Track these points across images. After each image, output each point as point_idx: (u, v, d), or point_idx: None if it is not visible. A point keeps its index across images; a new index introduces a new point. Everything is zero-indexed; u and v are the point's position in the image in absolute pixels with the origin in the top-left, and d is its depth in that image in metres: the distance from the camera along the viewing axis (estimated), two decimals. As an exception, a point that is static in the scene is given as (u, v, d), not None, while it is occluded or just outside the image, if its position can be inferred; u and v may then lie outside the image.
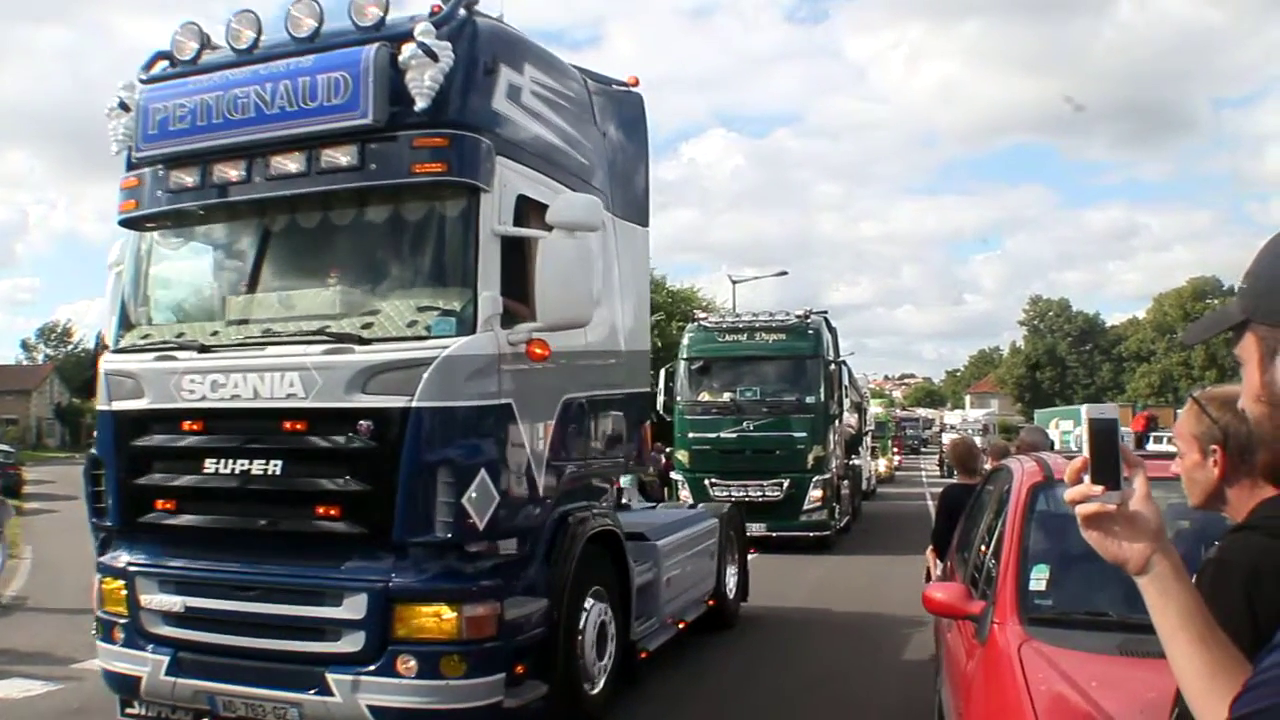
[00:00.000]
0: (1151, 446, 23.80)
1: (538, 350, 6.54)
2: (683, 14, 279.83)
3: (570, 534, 7.27)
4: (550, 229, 6.58)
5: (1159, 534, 1.64)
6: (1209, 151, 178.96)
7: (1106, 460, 1.67)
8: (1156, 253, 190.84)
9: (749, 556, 13.31)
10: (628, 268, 8.68)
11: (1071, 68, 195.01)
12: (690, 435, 19.67)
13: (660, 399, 20.13)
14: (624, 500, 23.72)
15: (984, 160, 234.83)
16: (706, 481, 19.13)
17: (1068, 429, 41.89)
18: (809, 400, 19.29)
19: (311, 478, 6.41)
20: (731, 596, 11.95)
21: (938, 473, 44.86)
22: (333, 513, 6.30)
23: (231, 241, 7.51)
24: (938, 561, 7.72)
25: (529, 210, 6.84)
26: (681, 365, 20.30)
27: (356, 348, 6.31)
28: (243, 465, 6.51)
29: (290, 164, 6.57)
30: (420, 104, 6.24)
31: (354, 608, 6.21)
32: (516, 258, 6.64)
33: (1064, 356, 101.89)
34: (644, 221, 9.32)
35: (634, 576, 8.37)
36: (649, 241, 9.50)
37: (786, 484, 18.91)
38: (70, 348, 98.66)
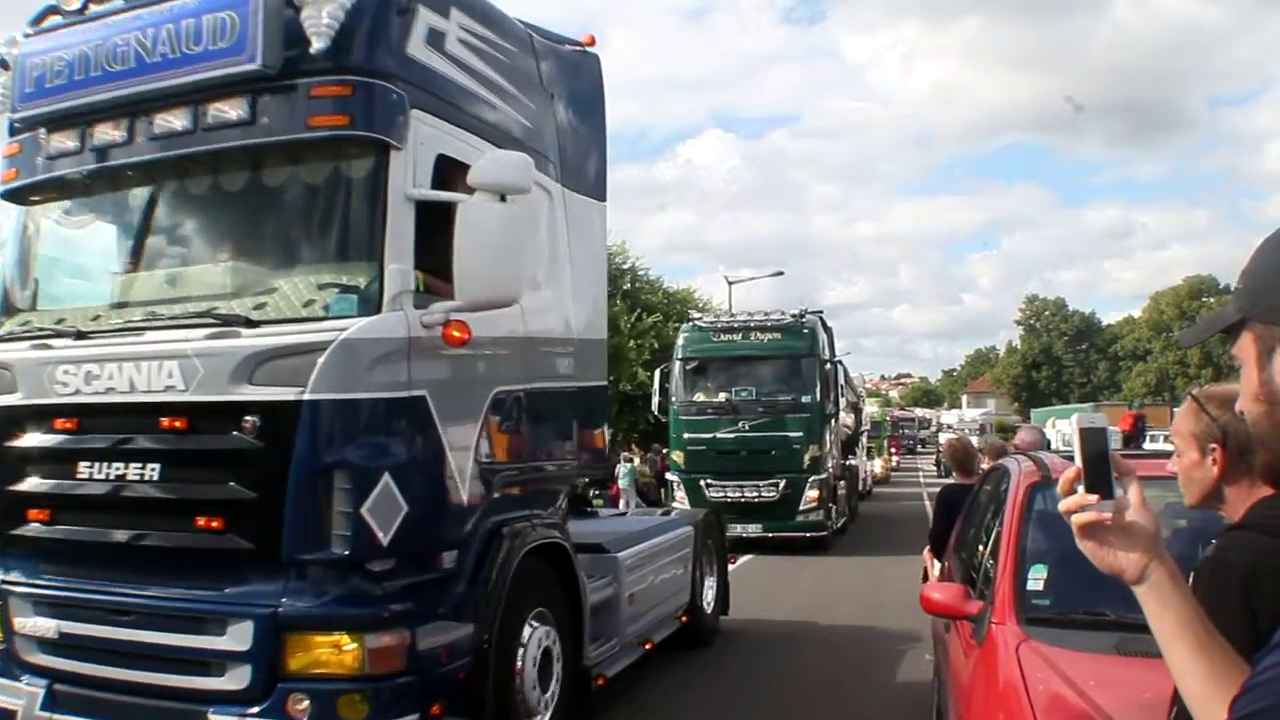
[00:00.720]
0: (1149, 445, 23.83)
1: (455, 333, 5.53)
2: (679, 15, 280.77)
3: (504, 548, 6.22)
4: (472, 192, 5.63)
5: (1154, 542, 1.64)
6: (1205, 150, 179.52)
7: (1099, 470, 1.67)
8: (1153, 251, 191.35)
9: (730, 565, 12.65)
10: (580, 246, 7.58)
11: (1068, 66, 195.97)
12: (685, 436, 19.61)
13: (655, 400, 20.31)
14: (624, 503, 23.69)
15: (981, 159, 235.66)
16: (702, 482, 19.05)
17: (1065, 428, 41.90)
18: (804, 400, 19.25)
19: (192, 484, 5.56)
20: (710, 610, 11.06)
21: (935, 473, 44.87)
22: (215, 525, 5.37)
23: (119, 213, 6.54)
24: (935, 562, 7.72)
25: (454, 173, 5.85)
26: (676, 366, 20.20)
27: (243, 331, 5.40)
28: (118, 469, 5.64)
29: (175, 121, 5.72)
30: (317, 44, 5.34)
31: (238, 637, 5.30)
32: (441, 228, 5.59)
33: (1060, 356, 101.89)
34: (600, 195, 8.13)
35: (586, 594, 7.29)
36: (606, 218, 8.29)
37: (782, 484, 18.81)
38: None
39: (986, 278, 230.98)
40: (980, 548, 5.27)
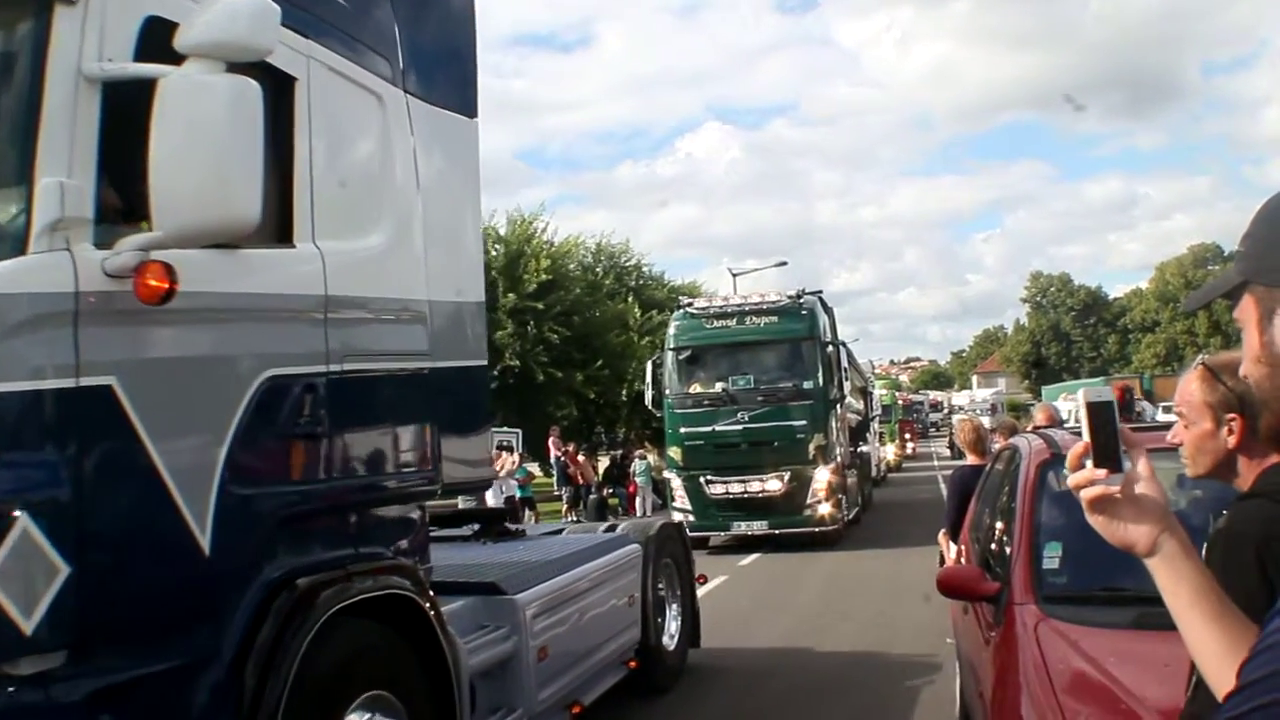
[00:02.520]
0: (1162, 416, 23.79)
1: (151, 281, 3.43)
2: (671, 10, 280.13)
3: (291, 614, 4.06)
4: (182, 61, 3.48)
5: (1164, 513, 1.63)
6: (1203, 117, 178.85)
7: (1107, 443, 1.66)
8: (1157, 221, 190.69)
9: (742, 562, 12.21)
10: (437, 174, 5.52)
11: (1063, 41, 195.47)
12: (682, 430, 18.61)
13: (649, 393, 19.45)
14: (640, 501, 23.16)
15: (981, 139, 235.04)
16: (702, 479, 18.24)
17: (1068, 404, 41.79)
18: (806, 386, 18.23)
19: None
20: (671, 648, 8.85)
21: (949, 455, 44.79)
22: None
23: None
24: (951, 545, 7.70)
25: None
26: (669, 356, 19.16)
27: None
28: None
29: None
30: None
31: None
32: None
33: (1068, 331, 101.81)
34: (467, 109, 5.99)
35: (461, 658, 5.10)
36: (478, 140, 6.10)
37: (787, 477, 17.91)
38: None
39: (991, 257, 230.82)
40: (995, 528, 5.26)
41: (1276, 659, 1.15)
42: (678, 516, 17.83)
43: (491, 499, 19.80)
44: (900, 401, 52.17)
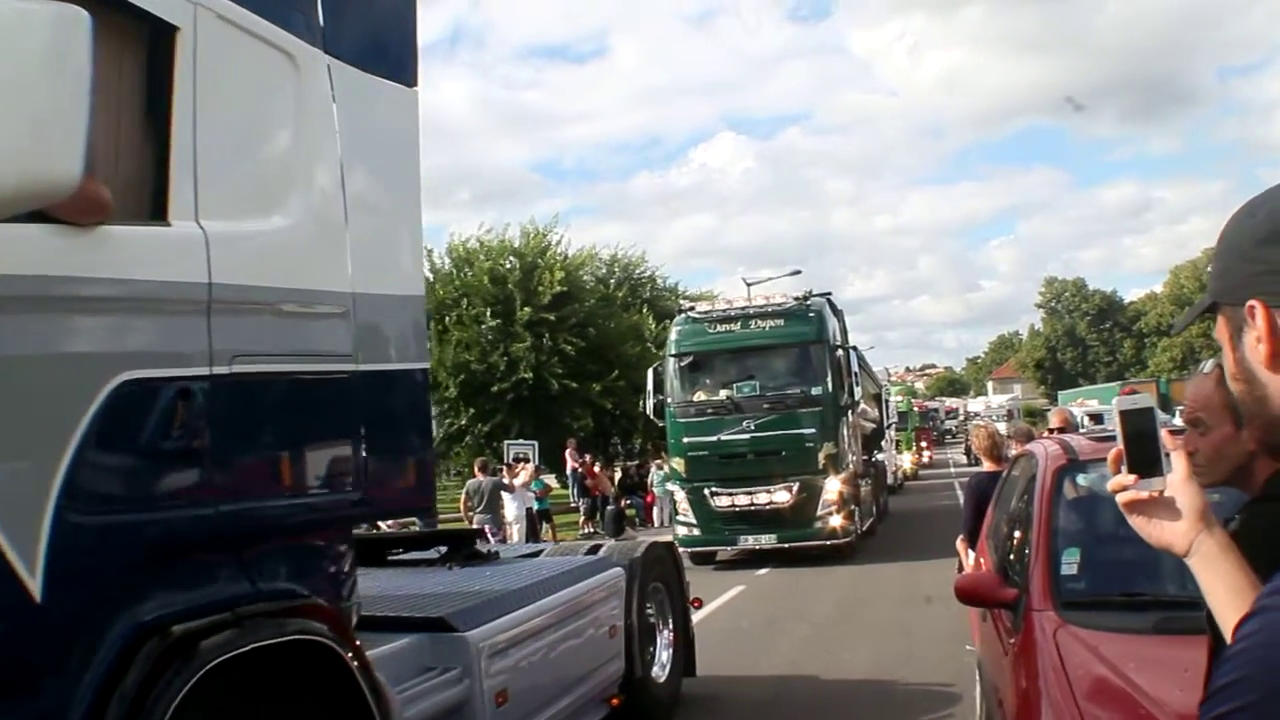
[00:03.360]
0: (1179, 422, 23.69)
1: None
2: (685, 20, 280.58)
3: (160, 665, 3.22)
4: None
5: (1203, 513, 1.65)
6: (1218, 121, 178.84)
7: (1143, 449, 1.68)
8: (1171, 225, 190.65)
9: (757, 573, 11.87)
10: (368, 149, 4.65)
11: (1076, 46, 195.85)
12: (685, 440, 17.86)
13: (650, 402, 18.61)
14: (657, 511, 22.73)
15: (994, 145, 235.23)
16: (706, 491, 17.45)
17: (1093, 408, 41.68)
18: (815, 392, 17.42)
19: None
20: (662, 679, 7.98)
21: (965, 462, 44.63)
22: None
23: None
24: (969, 552, 7.68)
25: None
26: (671, 363, 18.34)
27: None
28: None
29: None
30: None
31: None
32: None
33: (1084, 336, 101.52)
34: (406, 78, 5.02)
35: (389, 711, 4.22)
36: (418, 112, 5.09)
37: (796, 488, 17.08)
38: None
39: (1006, 263, 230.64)
40: (1012, 535, 5.25)
41: (1243, 664, 1.16)
42: (681, 530, 17.75)
43: (511, 511, 19.91)
44: (915, 408, 51.77)
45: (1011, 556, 5.03)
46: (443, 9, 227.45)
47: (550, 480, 27.56)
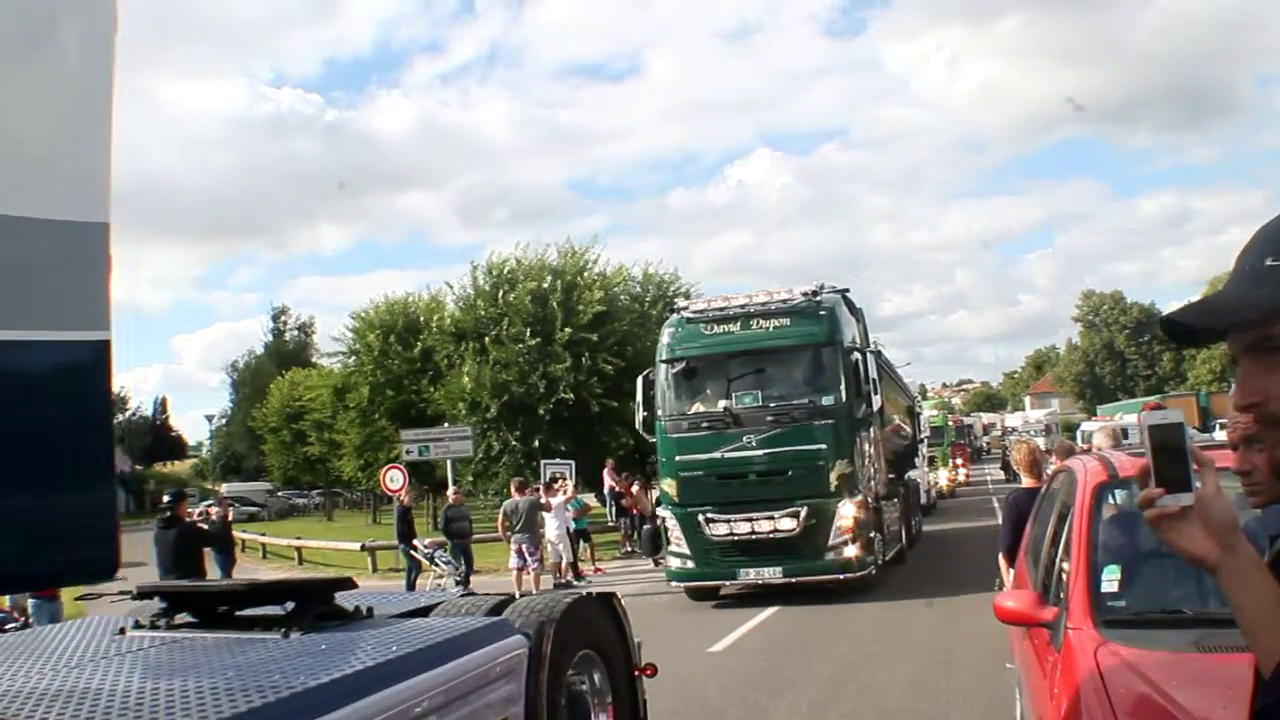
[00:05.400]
0: (1219, 435, 23.43)
1: None
2: (721, 36, 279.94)
3: None
4: None
5: (1231, 529, 1.65)
6: (1258, 129, 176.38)
7: (1171, 464, 1.69)
8: (1211, 236, 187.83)
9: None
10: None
11: (1114, 56, 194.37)
12: (677, 458, 15.74)
13: (640, 415, 16.57)
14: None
15: (1032, 158, 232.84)
16: (701, 517, 15.31)
17: (1131, 422, 41.27)
18: (826, 402, 15.27)
19: None
20: None
21: (1003, 478, 44.26)
22: None
23: None
24: (1009, 569, 7.66)
25: None
26: (662, 370, 16.22)
27: None
28: None
29: None
30: None
31: None
32: None
33: (1122, 349, 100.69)
34: None
35: None
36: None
37: (804, 513, 14.91)
38: (128, 415, 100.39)
39: (1043, 277, 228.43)
40: (1052, 552, 5.22)
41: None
42: (674, 563, 15.90)
43: (552, 531, 19.96)
44: (951, 423, 50.85)
45: (1051, 574, 5.01)
46: (479, 30, 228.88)
47: (590, 499, 27.57)
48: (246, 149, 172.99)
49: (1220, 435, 23.62)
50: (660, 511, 16.41)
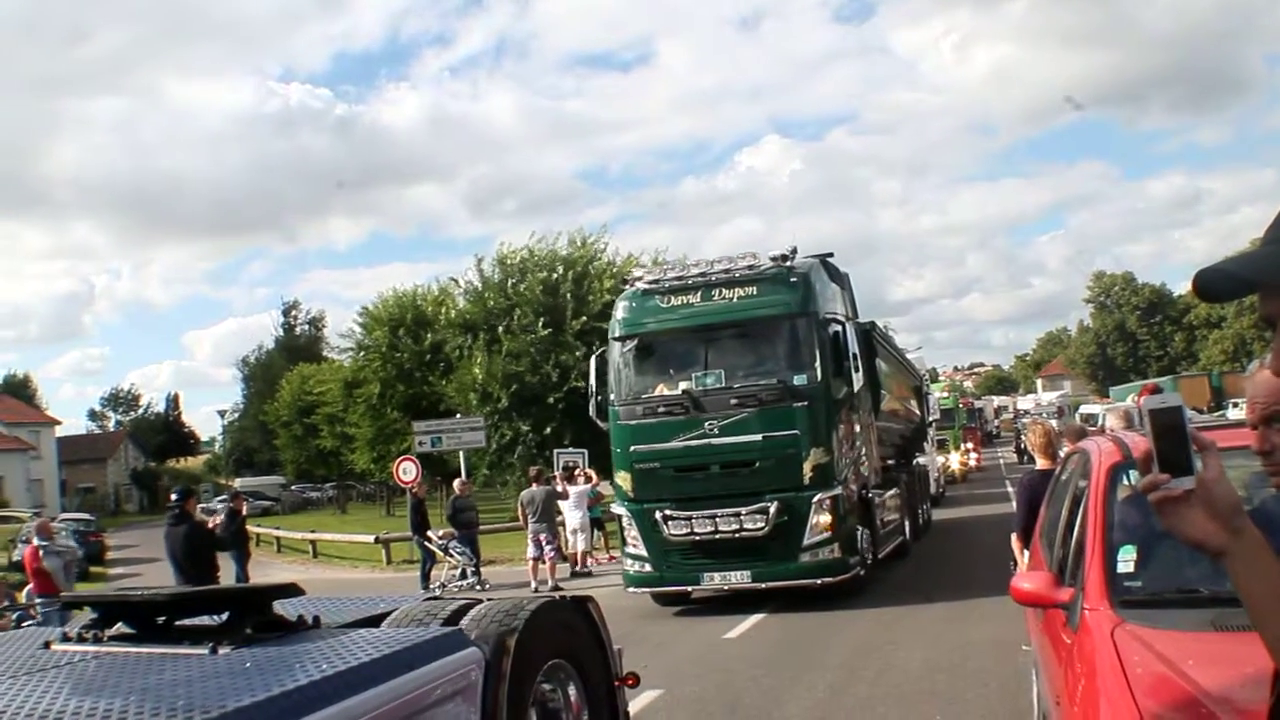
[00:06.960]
0: (1233, 414, 23.34)
1: None
2: (731, 24, 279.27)
3: None
4: None
5: (1235, 512, 1.64)
6: (1268, 109, 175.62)
7: (1173, 449, 1.68)
8: (1222, 216, 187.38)
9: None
10: None
11: (1122, 37, 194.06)
12: (631, 449, 13.98)
13: (593, 401, 14.87)
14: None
15: (1042, 140, 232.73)
16: (658, 514, 13.54)
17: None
18: (799, 381, 13.41)
19: None
20: None
21: (1016, 460, 44.08)
22: None
23: None
24: (1023, 551, 7.65)
25: None
26: (615, 349, 14.52)
27: None
28: None
29: None
30: None
31: None
32: None
33: (1134, 330, 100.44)
34: None
35: None
36: None
37: (774, 509, 13.12)
38: (139, 412, 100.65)
39: (1055, 259, 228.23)
40: (1067, 533, 5.21)
41: None
42: (631, 566, 14.10)
43: (574, 519, 20.02)
44: (961, 405, 49.90)
45: (1066, 555, 5.00)
46: (487, 21, 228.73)
47: (605, 488, 27.63)
48: (256, 145, 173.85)
49: (1233, 414, 23.51)
50: (615, 509, 14.85)
